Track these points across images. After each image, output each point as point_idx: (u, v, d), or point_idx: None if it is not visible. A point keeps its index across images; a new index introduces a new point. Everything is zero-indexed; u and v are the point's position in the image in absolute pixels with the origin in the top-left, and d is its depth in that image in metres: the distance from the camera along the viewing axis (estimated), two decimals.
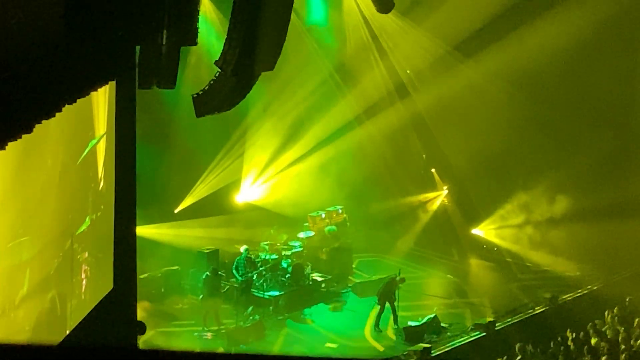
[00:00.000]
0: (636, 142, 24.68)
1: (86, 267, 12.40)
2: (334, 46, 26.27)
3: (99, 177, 12.81)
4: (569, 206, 24.51)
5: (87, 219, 12.33)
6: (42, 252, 10.69)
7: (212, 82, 14.80)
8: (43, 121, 9.49)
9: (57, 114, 9.95)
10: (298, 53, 24.44)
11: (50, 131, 10.56)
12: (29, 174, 10.28)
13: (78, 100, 10.72)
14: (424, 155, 26.70)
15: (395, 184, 26.19)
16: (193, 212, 23.32)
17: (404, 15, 24.78)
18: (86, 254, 12.37)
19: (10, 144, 8.78)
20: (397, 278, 20.48)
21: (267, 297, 21.07)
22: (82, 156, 12.12)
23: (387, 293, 20.36)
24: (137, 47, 13.58)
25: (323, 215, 24.32)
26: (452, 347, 19.12)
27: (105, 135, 12.93)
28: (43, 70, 9.49)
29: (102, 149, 12.84)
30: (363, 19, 25.50)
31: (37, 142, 10.23)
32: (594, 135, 23.89)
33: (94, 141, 12.55)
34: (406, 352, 18.54)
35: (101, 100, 12.57)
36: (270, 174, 25.22)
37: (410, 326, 19.78)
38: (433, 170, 27.04)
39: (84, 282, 12.32)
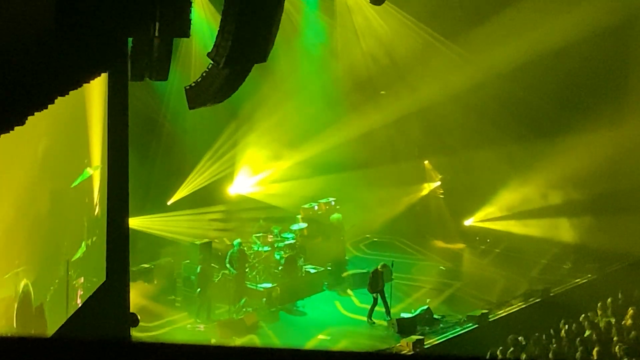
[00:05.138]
0: (631, 135, 24.64)
1: (81, 292, 12.38)
2: (330, 37, 26.18)
3: (94, 204, 12.79)
4: (563, 198, 24.53)
5: (83, 244, 12.31)
6: (37, 280, 10.65)
7: (204, 74, 14.74)
8: (37, 145, 9.44)
9: (54, 139, 9.89)
10: (292, 44, 24.41)
11: (44, 157, 10.53)
12: (23, 205, 10.21)
13: (73, 128, 10.67)
14: (417, 148, 26.64)
15: (388, 175, 26.12)
16: (186, 204, 23.26)
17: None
18: (82, 279, 12.35)
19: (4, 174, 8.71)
20: (379, 268, 20.48)
21: (260, 289, 21.06)
22: (77, 182, 12.08)
23: (374, 285, 20.35)
24: (130, 39, 13.54)
25: (316, 207, 24.28)
26: (445, 338, 19.17)
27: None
28: (34, 62, 9.45)
29: (97, 176, 12.82)
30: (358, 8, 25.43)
31: (30, 171, 10.20)
32: (589, 128, 23.84)
33: (89, 168, 12.52)
34: (399, 344, 18.58)
35: (96, 130, 12.53)
36: (263, 166, 25.13)
37: (403, 318, 19.79)
38: (426, 162, 27.01)
39: (79, 307, 12.30)
